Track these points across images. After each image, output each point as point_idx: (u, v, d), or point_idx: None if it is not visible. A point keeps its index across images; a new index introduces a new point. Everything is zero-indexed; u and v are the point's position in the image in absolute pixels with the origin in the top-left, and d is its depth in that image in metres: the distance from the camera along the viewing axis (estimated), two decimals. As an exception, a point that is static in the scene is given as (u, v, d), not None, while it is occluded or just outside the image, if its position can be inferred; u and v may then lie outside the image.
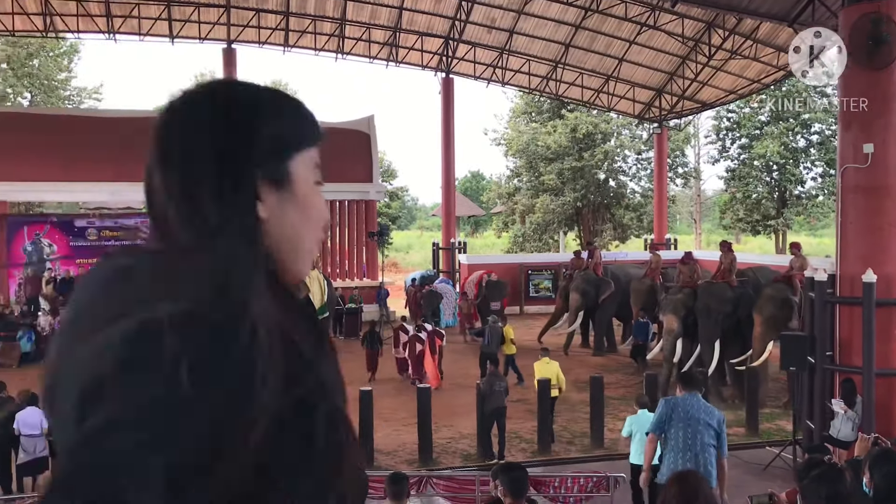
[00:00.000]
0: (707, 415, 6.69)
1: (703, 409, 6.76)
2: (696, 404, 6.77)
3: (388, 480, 4.98)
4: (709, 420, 6.64)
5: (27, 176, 23.95)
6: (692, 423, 6.59)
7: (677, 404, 6.80)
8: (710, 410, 6.80)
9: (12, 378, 13.00)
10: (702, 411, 6.70)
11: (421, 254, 48.89)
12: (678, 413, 6.68)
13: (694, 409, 6.68)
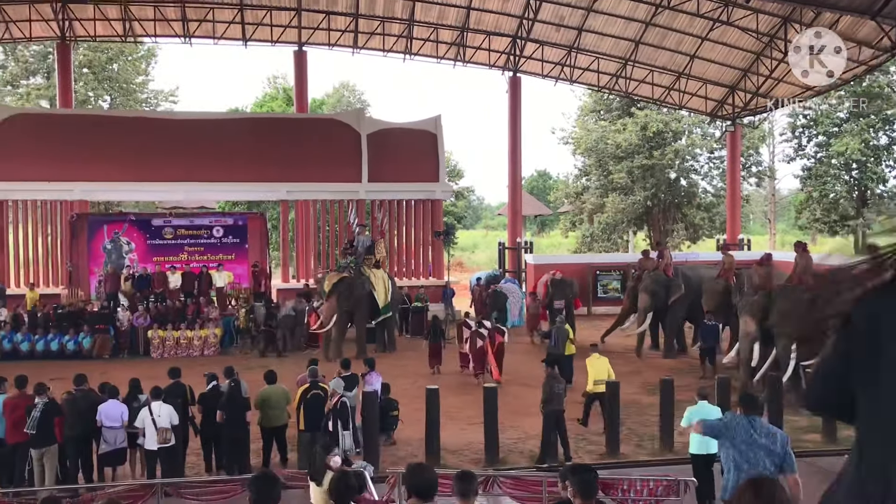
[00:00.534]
0: (769, 439, 6.40)
1: (764, 433, 6.46)
2: (759, 428, 6.50)
3: (456, 478, 4.97)
4: (771, 446, 6.36)
5: (107, 176, 24.85)
6: (752, 448, 6.36)
7: (740, 424, 6.52)
8: (772, 435, 6.48)
9: (93, 371, 13.50)
10: (763, 436, 6.42)
11: (486, 253, 48.83)
12: (739, 434, 6.43)
13: (756, 433, 6.43)
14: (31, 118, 26.40)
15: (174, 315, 21.01)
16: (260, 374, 12.08)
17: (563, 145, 43.51)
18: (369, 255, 20.81)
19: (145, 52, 45.85)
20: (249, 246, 25.44)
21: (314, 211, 26.71)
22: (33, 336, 19.82)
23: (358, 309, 19.87)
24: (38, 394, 9.99)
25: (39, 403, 9.86)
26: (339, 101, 54.32)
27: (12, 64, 42.85)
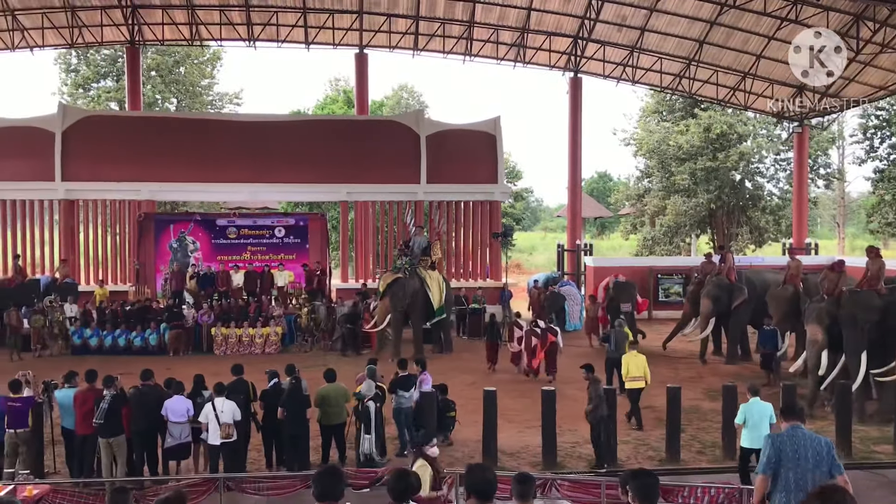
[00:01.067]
0: (815, 450, 6.34)
1: (810, 443, 6.38)
2: (802, 439, 6.41)
3: (514, 480, 4.94)
4: (817, 457, 6.32)
5: (173, 177, 25.49)
6: (801, 463, 6.31)
7: (784, 444, 6.45)
8: (816, 443, 6.39)
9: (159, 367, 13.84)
10: (809, 447, 6.36)
11: (545, 255, 48.54)
12: (786, 454, 6.39)
13: (801, 447, 6.38)
14: (102, 120, 27.22)
15: (237, 313, 21.42)
16: (319, 373, 12.22)
17: (625, 147, 43.08)
18: (425, 256, 20.87)
19: (210, 55, 46.89)
20: (310, 246, 25.79)
21: (373, 212, 26.94)
22: (102, 332, 20.42)
23: (413, 310, 19.96)
24: (107, 386, 10.29)
25: (107, 395, 10.16)
26: (398, 102, 54.69)
27: (84, 67, 44.26)
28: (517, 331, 18.24)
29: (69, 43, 30.00)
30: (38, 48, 29.77)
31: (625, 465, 11.27)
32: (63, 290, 22.31)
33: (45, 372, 12.29)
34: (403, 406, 11.90)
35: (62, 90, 44.50)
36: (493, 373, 18.24)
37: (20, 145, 24.79)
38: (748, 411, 10.03)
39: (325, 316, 21.23)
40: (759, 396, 10.26)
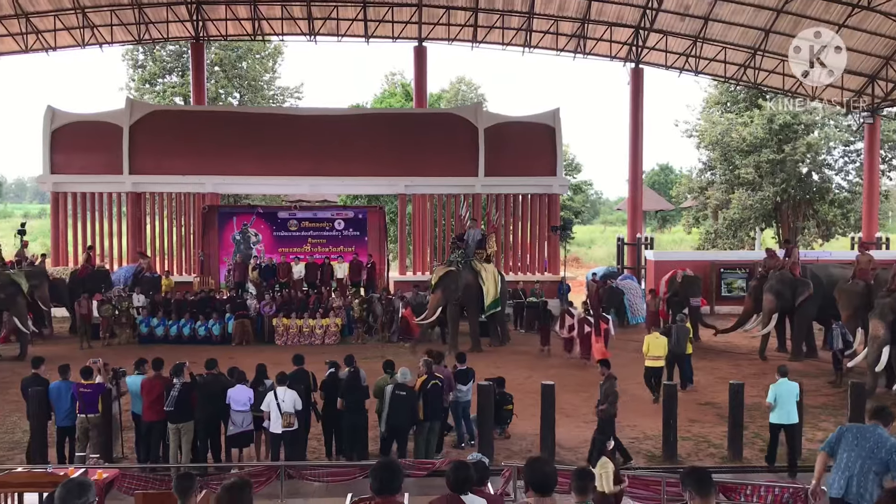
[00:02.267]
0: (875, 444, 6.83)
1: (876, 438, 6.88)
2: (871, 433, 6.92)
3: (574, 475, 4.90)
4: (876, 449, 6.80)
5: (236, 170, 25.99)
6: (857, 449, 6.89)
7: (850, 430, 7.12)
8: (882, 441, 6.83)
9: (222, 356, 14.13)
10: (870, 440, 6.88)
11: (604, 249, 48.01)
12: (847, 438, 7.01)
13: (863, 438, 6.93)
14: (167, 115, 27.92)
15: (298, 304, 21.73)
16: (378, 364, 12.31)
17: (687, 138, 42.23)
18: (480, 248, 20.80)
19: (272, 50, 47.54)
20: (368, 238, 26.01)
21: (430, 205, 27.01)
22: (168, 321, 20.94)
23: (469, 303, 19.94)
24: (176, 374, 10.56)
25: (177, 383, 10.43)
26: (456, 95, 54.65)
27: (150, 63, 45.36)
28: (568, 318, 18.98)
29: (136, 39, 30.82)
30: (106, 45, 30.64)
31: (685, 462, 11.07)
32: (144, 282, 22.92)
33: (113, 359, 12.66)
34: (461, 399, 11.92)
35: (129, 86, 45.68)
36: (547, 355, 19.17)
37: (90, 140, 25.61)
38: (778, 391, 10.84)
39: (383, 308, 21.37)
40: (788, 377, 11.08)
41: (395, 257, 28.88)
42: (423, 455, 10.71)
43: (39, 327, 20.81)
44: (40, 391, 10.81)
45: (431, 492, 8.53)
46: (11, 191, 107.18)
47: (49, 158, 25.71)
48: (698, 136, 40.51)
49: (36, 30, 29.11)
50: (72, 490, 4.36)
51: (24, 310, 19.23)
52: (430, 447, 11.00)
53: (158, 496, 7.65)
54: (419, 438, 11.05)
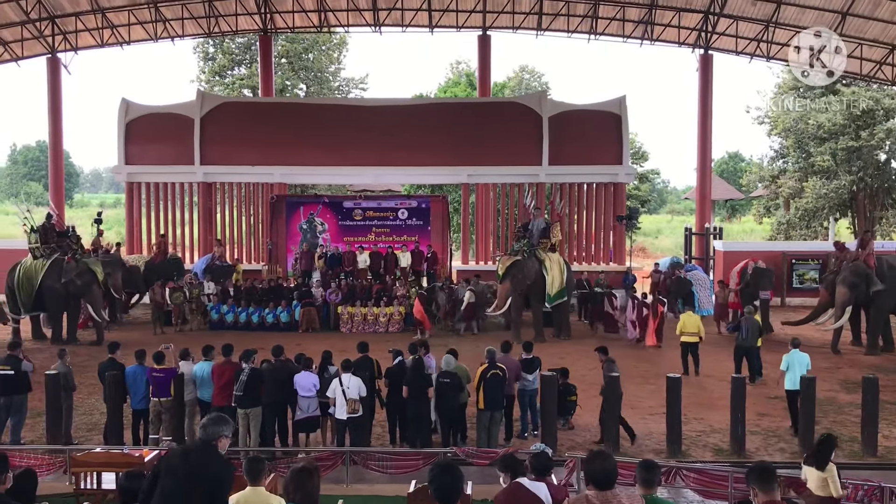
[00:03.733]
0: None
1: None
2: None
3: (639, 467, 4.86)
4: None
5: (303, 160, 26.39)
6: None
7: None
8: None
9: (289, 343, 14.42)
10: None
11: (671, 239, 47.18)
12: None
13: None
14: (237, 106, 28.47)
15: (362, 292, 21.98)
16: (441, 352, 12.38)
17: (758, 125, 40.97)
18: (544, 238, 20.65)
19: (337, 41, 48.04)
20: (432, 228, 26.13)
21: (494, 194, 26.93)
22: (237, 308, 21.43)
23: (533, 292, 19.84)
24: (246, 360, 10.82)
25: (247, 368, 10.70)
26: (519, 83, 54.31)
27: (220, 56, 46.34)
28: (613, 299, 20.71)
29: (206, 32, 31.50)
30: (178, 38, 31.40)
31: (753, 457, 10.84)
32: (216, 270, 23.52)
33: (184, 345, 13.02)
34: (527, 388, 11.90)
35: (200, 78, 46.79)
36: (595, 332, 20.75)
37: (163, 131, 26.34)
38: (790, 360, 12.25)
39: (446, 297, 21.45)
40: (800, 349, 12.44)
41: (457, 247, 28.92)
42: (484, 444, 10.74)
43: (113, 315, 21.52)
44: (116, 375, 11.22)
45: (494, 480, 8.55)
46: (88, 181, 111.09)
47: (124, 150, 26.53)
48: (770, 122, 39.30)
49: (111, 25, 30.01)
50: (217, 420, 5.05)
51: (100, 297, 19.90)
52: (491, 436, 11.02)
53: (228, 478, 7.83)
54: (480, 427, 11.08)
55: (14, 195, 71.43)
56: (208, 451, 4.92)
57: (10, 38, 29.65)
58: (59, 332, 19.62)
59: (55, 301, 19.55)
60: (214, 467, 4.91)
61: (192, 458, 4.88)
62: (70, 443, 10.95)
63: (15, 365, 11.30)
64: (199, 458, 4.88)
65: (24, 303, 19.71)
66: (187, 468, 4.82)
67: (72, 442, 11.10)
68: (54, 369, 11.41)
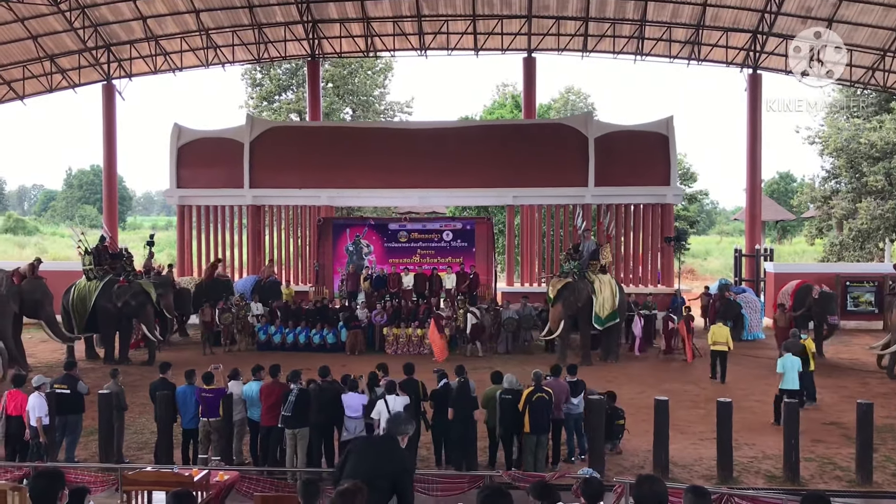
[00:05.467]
0: None
1: None
2: None
3: (688, 492, 4.76)
4: None
5: (349, 183, 26.62)
6: None
7: None
8: None
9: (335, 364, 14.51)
10: None
11: (720, 260, 46.46)
12: None
13: None
14: (285, 131, 28.89)
15: (407, 314, 22.03)
16: (485, 375, 12.33)
17: (809, 145, 40.28)
18: (594, 260, 20.50)
19: (383, 65, 48.63)
20: (476, 249, 26.12)
21: (539, 216, 26.83)
22: (285, 329, 21.65)
23: (582, 315, 19.67)
24: (293, 380, 10.92)
25: (295, 389, 10.79)
26: (565, 105, 54.28)
27: (267, 82, 47.26)
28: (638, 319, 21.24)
29: (256, 58, 32.13)
30: (228, 64, 32.09)
31: (808, 485, 10.56)
32: (267, 289, 23.85)
33: (232, 365, 13.18)
34: (572, 412, 11.78)
35: (248, 103, 47.74)
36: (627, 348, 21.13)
37: (213, 155, 26.84)
38: (783, 363, 13.78)
39: (491, 319, 21.38)
40: (792, 353, 13.99)
41: (503, 269, 28.85)
42: (531, 468, 10.63)
43: (164, 334, 21.91)
44: (167, 395, 11.40)
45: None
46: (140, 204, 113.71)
47: (176, 173, 27.10)
48: (821, 142, 38.63)
49: (164, 52, 30.83)
50: (403, 419, 6.03)
51: (152, 318, 20.32)
52: (538, 460, 10.91)
53: (276, 499, 7.90)
54: (526, 451, 10.99)
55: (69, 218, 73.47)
56: (392, 443, 5.70)
57: (67, 66, 30.64)
58: (111, 352, 20.03)
59: (108, 321, 19.99)
60: (397, 457, 5.70)
61: (378, 446, 5.74)
62: (122, 461, 11.15)
63: (72, 384, 11.57)
64: (384, 446, 5.68)
65: (78, 323, 20.20)
66: (375, 455, 5.61)
67: (123, 460, 11.30)
68: (107, 389, 11.63)
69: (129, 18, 29.20)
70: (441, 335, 19.89)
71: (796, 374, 13.70)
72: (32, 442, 11.01)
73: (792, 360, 13.82)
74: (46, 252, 47.50)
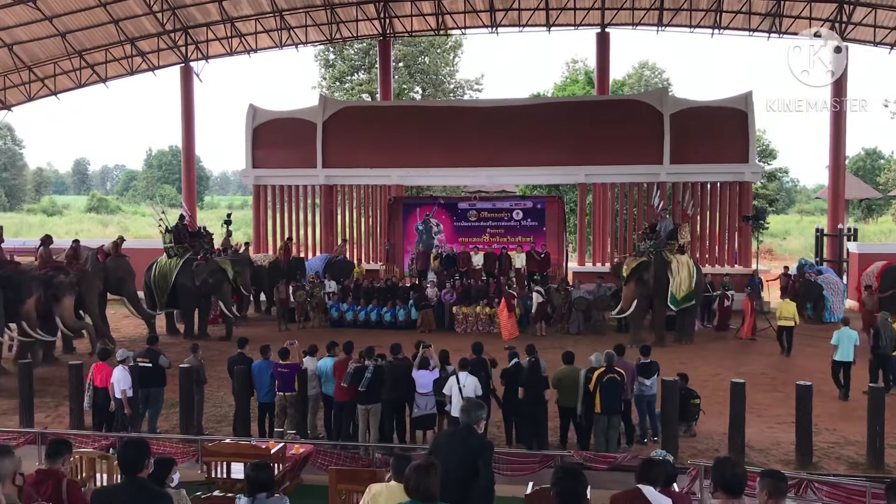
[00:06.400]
0: None
1: None
2: None
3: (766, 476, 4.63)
4: None
5: (419, 162, 26.73)
6: None
7: None
8: None
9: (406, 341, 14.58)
10: None
11: (800, 240, 45.03)
12: None
13: None
14: (356, 110, 29.11)
15: (477, 293, 22.05)
16: (556, 354, 12.25)
17: (898, 120, 38.58)
18: (671, 239, 20.10)
19: (452, 43, 48.43)
20: (547, 229, 25.92)
21: (612, 194, 26.45)
22: (356, 307, 21.95)
23: (658, 295, 19.33)
24: (368, 357, 11.08)
25: (370, 365, 10.94)
26: (639, 80, 53.16)
27: (339, 62, 47.65)
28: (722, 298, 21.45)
29: (328, 38, 32.43)
30: (301, 45, 32.46)
31: (893, 472, 10.18)
32: (338, 267, 24.24)
33: (306, 341, 13.43)
34: (645, 393, 11.62)
35: (321, 84, 48.24)
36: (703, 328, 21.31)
37: (287, 135, 27.31)
38: (839, 336, 14.16)
39: (561, 299, 21.23)
40: (849, 326, 14.45)
41: (574, 248, 28.55)
42: (602, 449, 10.55)
43: (241, 311, 22.48)
44: (244, 369, 11.71)
45: (612, 486, 8.40)
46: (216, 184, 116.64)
47: (251, 154, 27.67)
48: (911, 117, 36.86)
49: (239, 34, 31.37)
50: (477, 406, 6.51)
51: (230, 294, 20.88)
52: (609, 441, 10.81)
53: (349, 472, 8.03)
54: (598, 432, 10.90)
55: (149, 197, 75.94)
56: (470, 432, 6.31)
57: (147, 49, 31.48)
58: (191, 327, 20.67)
59: (188, 298, 20.62)
60: (478, 444, 6.33)
61: (459, 439, 6.33)
62: (201, 433, 11.51)
63: (153, 358, 11.99)
64: (464, 437, 6.30)
65: (160, 300, 20.90)
66: (458, 447, 6.21)
67: (203, 432, 11.67)
68: (187, 363, 12.00)
69: (205, 1, 29.77)
70: (511, 314, 19.85)
71: (852, 347, 13.99)
72: (117, 413, 11.46)
73: (849, 333, 14.18)
74: (128, 230, 49.27)
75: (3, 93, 31.74)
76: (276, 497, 5.86)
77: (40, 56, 30.51)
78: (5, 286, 16.03)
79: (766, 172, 39.27)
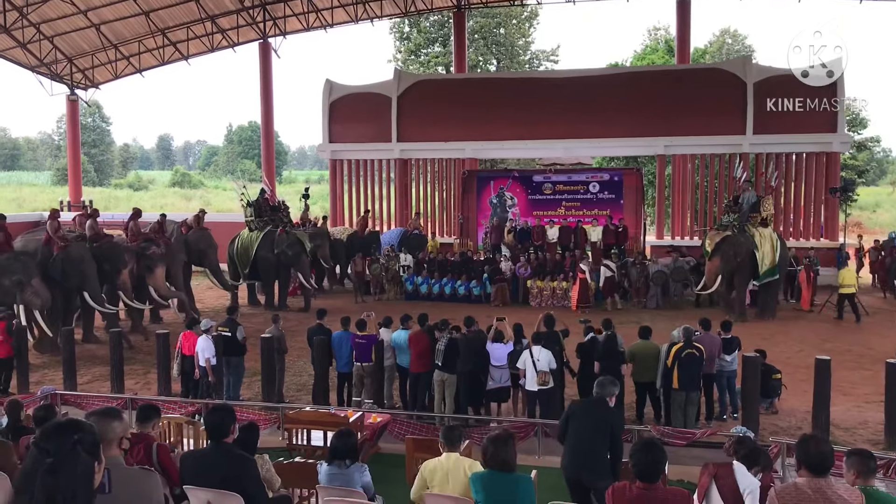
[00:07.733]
0: None
1: None
2: None
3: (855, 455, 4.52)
4: None
5: (493, 135, 26.60)
6: None
7: None
8: None
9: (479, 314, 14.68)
10: None
11: (891, 213, 43.24)
12: None
13: None
14: (431, 84, 29.09)
15: (552, 267, 21.92)
16: (632, 329, 12.11)
17: None
18: (754, 212, 19.51)
19: (528, 13, 47.79)
20: (624, 202, 25.48)
21: (692, 166, 25.81)
22: (431, 280, 22.12)
23: (740, 269, 18.84)
24: (442, 329, 11.19)
25: (444, 338, 11.05)
26: (720, 48, 51.51)
27: (415, 35, 47.64)
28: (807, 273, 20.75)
29: (403, 12, 32.44)
30: (377, 19, 32.58)
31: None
32: (412, 241, 24.47)
33: (381, 313, 13.62)
34: (725, 370, 11.39)
35: (396, 57, 48.38)
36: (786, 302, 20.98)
37: (363, 110, 27.54)
38: None
39: (637, 273, 20.92)
40: None
41: (652, 221, 28.01)
42: (680, 424, 10.41)
43: (321, 283, 22.93)
44: (323, 340, 11.97)
45: (690, 462, 8.33)
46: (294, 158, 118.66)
47: (328, 128, 28.03)
48: None
49: (316, 9, 31.69)
50: (610, 381, 6.93)
51: (308, 267, 21.33)
52: (687, 417, 10.65)
53: (425, 442, 8.15)
54: (675, 407, 10.75)
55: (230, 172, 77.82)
56: (603, 403, 6.73)
57: (227, 26, 32.13)
58: (271, 298, 21.22)
59: (268, 270, 21.16)
60: (609, 413, 6.74)
61: (594, 407, 6.78)
62: (282, 401, 11.85)
63: (233, 328, 12.36)
64: (598, 407, 6.74)
65: (242, 271, 21.53)
66: (594, 414, 6.68)
67: (283, 400, 12.01)
68: (269, 333, 12.33)
69: (283, -23, 30.19)
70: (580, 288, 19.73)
71: None
72: (202, 381, 11.89)
73: None
74: (210, 204, 50.72)
75: (92, 71, 32.93)
76: (357, 465, 6.02)
77: (125, 35, 31.50)
78: (104, 259, 16.74)
79: (856, 142, 37.64)
